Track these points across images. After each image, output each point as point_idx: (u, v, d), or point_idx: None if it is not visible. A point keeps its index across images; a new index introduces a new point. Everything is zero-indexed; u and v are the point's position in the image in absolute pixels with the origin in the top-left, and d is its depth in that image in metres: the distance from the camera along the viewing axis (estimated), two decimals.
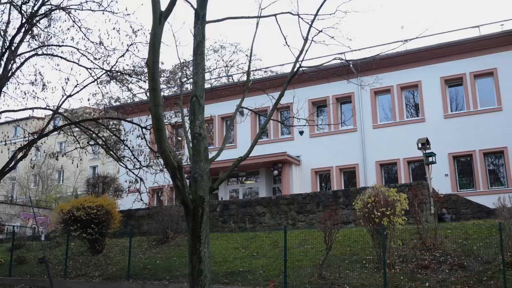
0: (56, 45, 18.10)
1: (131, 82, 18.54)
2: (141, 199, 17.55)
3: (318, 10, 10.67)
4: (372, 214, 14.03)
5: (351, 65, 21.66)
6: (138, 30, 17.37)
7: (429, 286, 12.73)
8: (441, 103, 25.35)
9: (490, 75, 24.71)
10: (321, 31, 10.86)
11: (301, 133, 27.15)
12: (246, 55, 45.29)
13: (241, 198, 26.52)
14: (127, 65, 28.99)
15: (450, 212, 19.41)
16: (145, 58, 16.26)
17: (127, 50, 17.16)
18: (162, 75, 33.31)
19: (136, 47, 17.31)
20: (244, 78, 33.02)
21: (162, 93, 14.91)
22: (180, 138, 29.47)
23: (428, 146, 18.36)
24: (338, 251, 15.48)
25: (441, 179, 23.04)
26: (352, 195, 18.43)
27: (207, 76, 38.40)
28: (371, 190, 14.79)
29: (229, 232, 20.52)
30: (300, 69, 10.99)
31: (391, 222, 13.97)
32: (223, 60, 46.62)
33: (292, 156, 26.99)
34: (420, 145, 18.28)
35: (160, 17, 7.66)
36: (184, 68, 33.24)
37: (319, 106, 28.73)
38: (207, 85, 22.17)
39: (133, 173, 17.39)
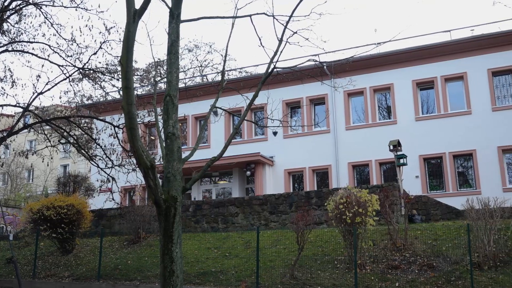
0: (27, 42, 17.74)
1: (104, 80, 18.28)
2: (113, 199, 17.39)
3: (293, 12, 10.70)
4: (344, 215, 14.18)
5: (325, 66, 21.86)
6: (112, 27, 17.18)
7: (399, 286, 12.91)
8: (413, 106, 25.71)
9: (460, 79, 25.18)
10: (296, 32, 10.90)
11: (275, 133, 27.27)
12: (221, 55, 45.26)
13: (214, 198, 26.45)
14: (100, 62, 28.69)
15: (420, 213, 19.73)
16: (118, 56, 16.12)
17: (100, 47, 16.96)
18: (136, 74, 32.99)
19: (110, 45, 17.25)
20: (219, 78, 32.96)
21: (135, 92, 14.79)
22: (153, 138, 29.26)
23: (399, 148, 18.55)
24: (310, 252, 15.58)
25: (411, 181, 23.41)
26: (325, 196, 18.58)
27: (181, 75, 38.13)
28: (343, 191, 14.94)
29: (201, 232, 20.47)
30: (275, 70, 11.02)
31: (363, 223, 14.14)
32: (197, 60, 46.46)
33: (265, 157, 27.04)
34: (391, 147, 18.45)
35: (134, 15, 7.59)
36: (158, 67, 32.98)
37: (293, 107, 28.85)
38: (181, 85, 22.09)
39: (105, 172, 17.20)
